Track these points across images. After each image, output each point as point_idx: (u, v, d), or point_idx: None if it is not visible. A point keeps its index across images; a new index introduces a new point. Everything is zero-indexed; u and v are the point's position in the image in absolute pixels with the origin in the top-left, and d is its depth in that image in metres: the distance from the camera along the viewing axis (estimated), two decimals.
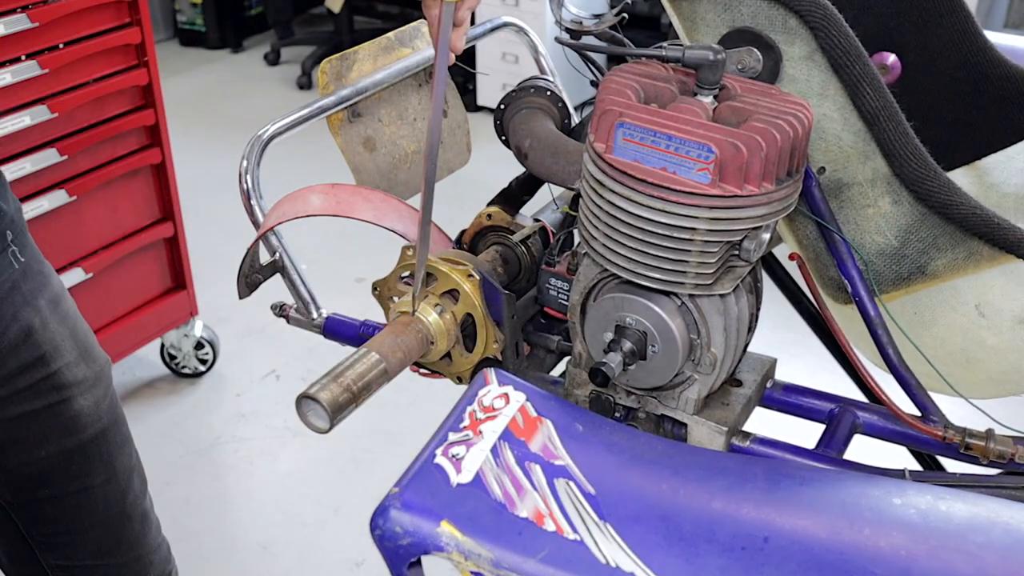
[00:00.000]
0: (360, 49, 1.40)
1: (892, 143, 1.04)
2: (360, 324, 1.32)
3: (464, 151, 1.59)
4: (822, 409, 1.16)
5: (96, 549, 1.40)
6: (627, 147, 0.93)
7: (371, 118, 1.43)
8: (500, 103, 1.30)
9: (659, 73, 1.00)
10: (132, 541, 1.44)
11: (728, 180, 0.91)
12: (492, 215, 1.27)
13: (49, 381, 1.28)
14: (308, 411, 1.00)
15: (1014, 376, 1.12)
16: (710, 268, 0.95)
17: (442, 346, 1.12)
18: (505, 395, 0.89)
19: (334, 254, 3.32)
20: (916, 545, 0.75)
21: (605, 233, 0.98)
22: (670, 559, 0.75)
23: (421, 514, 0.78)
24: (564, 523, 0.78)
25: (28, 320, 1.25)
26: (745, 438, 1.09)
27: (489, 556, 0.76)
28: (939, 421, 1.09)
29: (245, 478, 2.57)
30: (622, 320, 1.01)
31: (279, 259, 1.31)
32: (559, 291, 1.17)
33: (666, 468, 0.85)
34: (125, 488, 1.41)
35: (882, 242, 1.09)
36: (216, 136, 4.35)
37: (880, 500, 0.80)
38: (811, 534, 0.77)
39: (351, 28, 5.12)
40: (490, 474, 0.81)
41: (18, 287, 1.24)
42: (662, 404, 1.08)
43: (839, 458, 1.08)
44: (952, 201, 1.04)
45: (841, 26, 1.02)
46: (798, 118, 0.93)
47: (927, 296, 1.11)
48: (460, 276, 1.12)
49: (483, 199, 1.32)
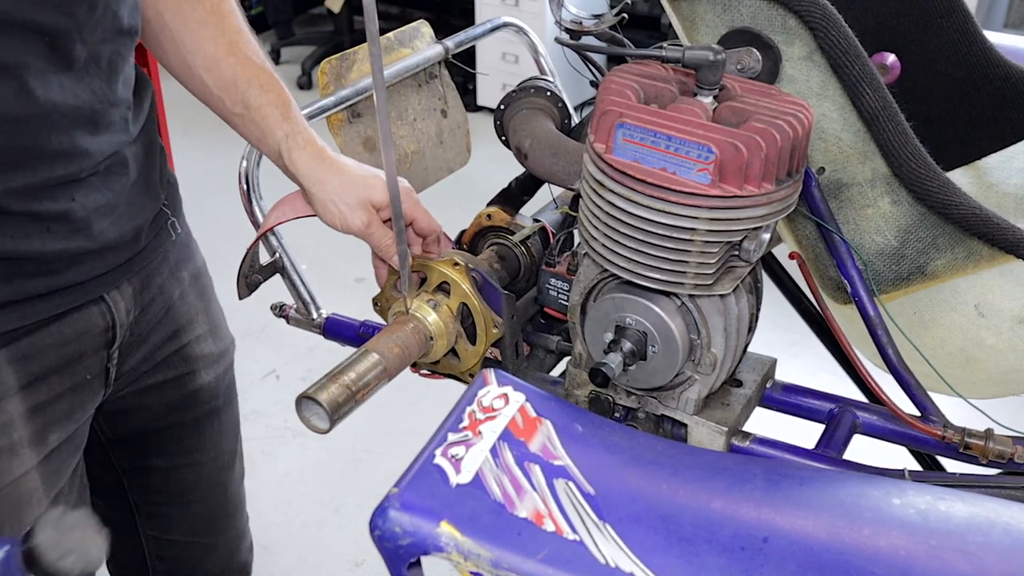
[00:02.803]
0: (360, 49, 1.40)
1: (891, 143, 1.04)
2: (360, 324, 1.32)
3: (464, 151, 1.59)
4: (822, 409, 1.16)
5: (191, 526, 1.43)
6: (627, 147, 0.93)
7: (371, 119, 1.43)
8: (500, 103, 1.30)
9: (659, 73, 1.00)
10: (224, 524, 1.47)
11: (728, 180, 0.91)
12: (492, 215, 1.27)
13: (180, 353, 1.30)
14: (308, 411, 1.00)
15: (1014, 376, 1.12)
16: (710, 268, 0.95)
17: (442, 342, 1.12)
18: (504, 395, 0.89)
19: (334, 254, 3.31)
20: (916, 545, 0.75)
21: (605, 233, 0.98)
22: (670, 559, 0.75)
23: (421, 514, 0.78)
24: (563, 523, 0.78)
25: (171, 292, 1.26)
26: (745, 438, 1.09)
27: (488, 556, 0.76)
28: (938, 421, 1.09)
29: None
30: (622, 320, 1.01)
31: (279, 259, 1.31)
32: (559, 291, 1.17)
33: (666, 468, 0.85)
34: (227, 470, 1.44)
35: (882, 242, 1.09)
36: (216, 136, 4.33)
37: (880, 500, 0.81)
38: (811, 534, 0.77)
39: (351, 28, 5.12)
40: (489, 474, 0.81)
41: (168, 258, 1.25)
42: (662, 404, 1.08)
43: (839, 458, 1.08)
44: (951, 201, 1.04)
45: (840, 26, 1.02)
46: (798, 118, 0.93)
47: (927, 296, 1.11)
48: (446, 267, 1.13)
49: (483, 199, 1.32)
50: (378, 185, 1.13)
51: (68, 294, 1.09)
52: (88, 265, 1.09)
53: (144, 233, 1.17)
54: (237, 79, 1.15)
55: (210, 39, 1.15)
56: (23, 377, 1.08)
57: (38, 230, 1.02)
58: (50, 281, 1.06)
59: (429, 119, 1.51)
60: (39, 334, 1.08)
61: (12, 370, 1.07)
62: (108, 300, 1.15)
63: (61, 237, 1.05)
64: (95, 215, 1.07)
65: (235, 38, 1.16)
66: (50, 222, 1.03)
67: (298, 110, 1.17)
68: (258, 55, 1.18)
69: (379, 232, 1.14)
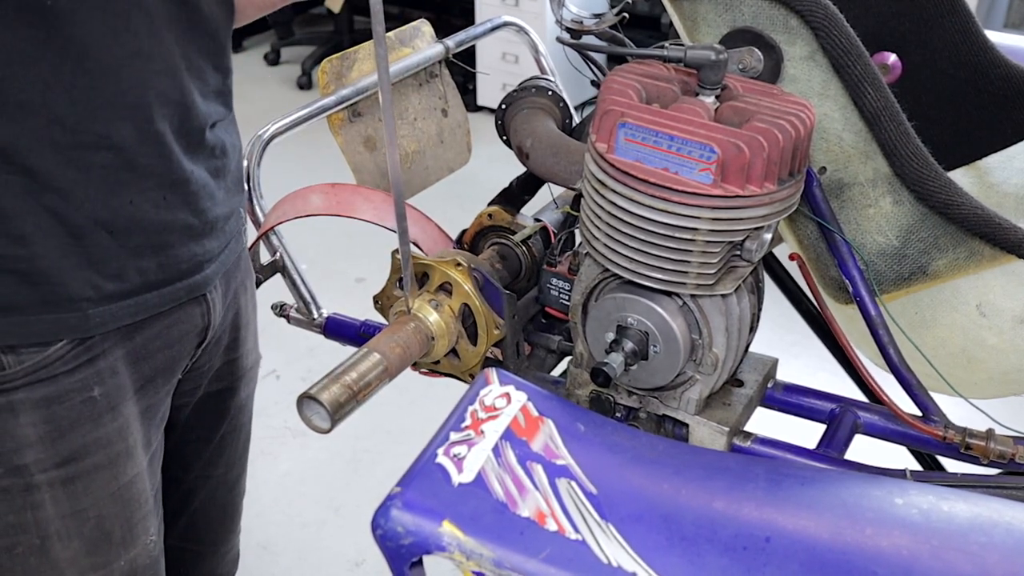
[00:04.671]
0: (360, 49, 1.40)
1: (893, 143, 1.04)
2: (360, 324, 1.32)
3: (464, 151, 1.59)
4: (823, 409, 1.16)
5: (187, 533, 1.42)
6: (629, 147, 0.93)
7: (371, 118, 1.43)
8: (501, 103, 1.30)
9: (661, 73, 1.00)
10: (220, 536, 1.47)
11: (730, 180, 0.91)
12: (493, 215, 1.27)
13: (230, 366, 1.30)
14: (309, 411, 1.00)
15: (1015, 376, 1.12)
16: (712, 268, 0.95)
17: (443, 342, 1.12)
18: (506, 395, 0.89)
19: (334, 254, 3.32)
20: (918, 545, 0.75)
21: (607, 233, 0.98)
22: (672, 559, 0.75)
23: (423, 514, 0.77)
24: (566, 523, 0.78)
25: (240, 299, 1.26)
26: (746, 438, 1.09)
27: (491, 556, 0.75)
28: (939, 421, 1.09)
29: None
30: (624, 320, 1.01)
31: (279, 259, 1.31)
32: (560, 291, 1.17)
33: (668, 468, 0.85)
34: (233, 485, 1.43)
35: (883, 242, 1.09)
36: None
37: (882, 500, 0.80)
38: (813, 534, 0.77)
39: (351, 28, 5.12)
40: (492, 474, 0.81)
41: (240, 265, 1.25)
42: (663, 404, 1.08)
43: (840, 458, 1.08)
44: (953, 201, 1.04)
45: (842, 26, 1.02)
46: (800, 118, 0.93)
47: (928, 296, 1.11)
48: (449, 267, 1.13)
49: (483, 199, 1.32)
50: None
51: (175, 290, 1.09)
52: (191, 248, 1.09)
53: (230, 226, 1.17)
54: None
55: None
56: (137, 380, 1.10)
57: (156, 197, 1.02)
58: (158, 263, 1.05)
59: (429, 118, 1.51)
60: (149, 334, 1.09)
61: (128, 372, 1.08)
62: (208, 300, 1.15)
63: (173, 208, 1.04)
64: (202, 191, 1.08)
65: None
66: (168, 189, 1.03)
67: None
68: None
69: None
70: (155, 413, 1.15)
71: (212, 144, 1.10)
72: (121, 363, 1.07)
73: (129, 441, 1.10)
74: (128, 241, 1.02)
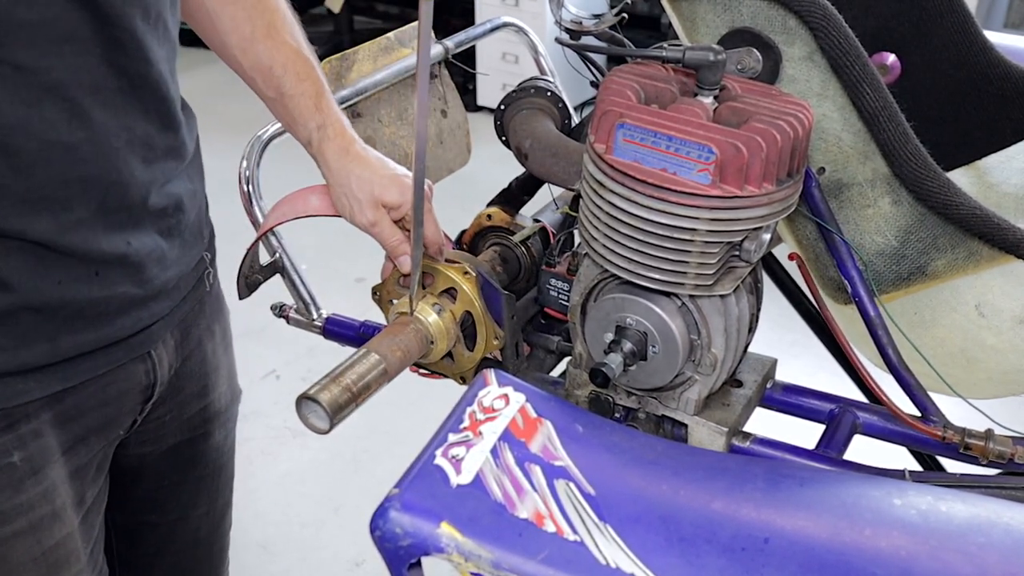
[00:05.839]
0: (360, 49, 1.40)
1: (892, 143, 1.04)
2: (360, 324, 1.32)
3: (464, 151, 1.59)
4: (822, 409, 1.16)
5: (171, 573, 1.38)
6: (627, 148, 0.93)
7: (371, 118, 1.43)
8: (500, 103, 1.30)
9: (659, 74, 1.00)
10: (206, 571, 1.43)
11: (728, 181, 0.91)
12: (492, 215, 1.27)
13: (202, 413, 1.26)
14: (308, 412, 1.00)
15: (1014, 376, 1.12)
16: (710, 269, 0.95)
17: (442, 345, 1.12)
18: (505, 396, 0.89)
19: (334, 254, 3.32)
20: (917, 546, 0.75)
21: (605, 234, 0.98)
22: (670, 560, 0.75)
23: (421, 515, 0.77)
24: (564, 524, 0.78)
25: (205, 347, 1.23)
26: (745, 439, 1.09)
27: (489, 557, 0.75)
28: (939, 421, 1.09)
29: (245, 478, 2.57)
30: (622, 321, 1.01)
31: (279, 259, 1.31)
32: (559, 292, 1.17)
33: (666, 469, 0.85)
34: (218, 522, 1.40)
35: (882, 242, 1.09)
36: (216, 136, 4.34)
37: (881, 501, 0.80)
38: (812, 535, 0.77)
39: (351, 28, 5.12)
40: (490, 475, 0.81)
41: (204, 311, 1.22)
42: (662, 405, 1.08)
43: (839, 458, 1.08)
44: (952, 201, 1.04)
45: (841, 26, 1.02)
46: (798, 119, 0.93)
47: (927, 296, 1.11)
48: (456, 274, 1.12)
49: (483, 199, 1.32)
50: (393, 186, 1.11)
51: (114, 351, 1.05)
52: (134, 315, 1.05)
53: (184, 282, 1.14)
54: (273, 64, 1.12)
55: (246, 19, 1.12)
56: (66, 441, 1.05)
57: (87, 275, 0.98)
58: (96, 336, 1.01)
59: (429, 119, 1.51)
60: (82, 395, 1.04)
61: (55, 434, 1.03)
62: (153, 357, 1.12)
63: (110, 283, 1.00)
64: (147, 259, 1.03)
65: (273, 19, 1.13)
66: (100, 266, 0.99)
67: (331, 98, 1.15)
68: (295, 38, 1.14)
69: (386, 231, 1.13)
70: (88, 471, 1.10)
71: (160, 207, 1.04)
72: (47, 425, 1.02)
73: (56, 503, 1.05)
74: (58, 317, 0.98)
